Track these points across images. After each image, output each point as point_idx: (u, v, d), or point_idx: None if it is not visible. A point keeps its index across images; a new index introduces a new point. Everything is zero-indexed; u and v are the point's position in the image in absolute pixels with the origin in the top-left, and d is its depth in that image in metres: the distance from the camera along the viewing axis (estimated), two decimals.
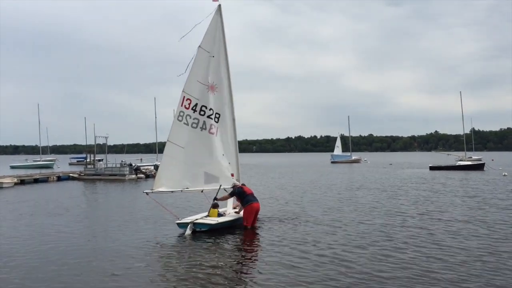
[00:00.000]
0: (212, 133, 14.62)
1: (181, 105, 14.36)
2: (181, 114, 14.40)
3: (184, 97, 14.34)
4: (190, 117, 14.43)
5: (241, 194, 13.92)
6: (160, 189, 14.34)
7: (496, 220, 14.70)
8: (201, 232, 12.93)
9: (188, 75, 14.41)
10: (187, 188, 14.46)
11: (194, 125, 14.47)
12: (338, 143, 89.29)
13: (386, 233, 12.63)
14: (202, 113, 14.51)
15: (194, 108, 14.43)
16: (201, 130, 14.52)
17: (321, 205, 19.19)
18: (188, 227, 12.86)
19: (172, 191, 14.70)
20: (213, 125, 14.62)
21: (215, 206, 14.00)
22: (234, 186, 14.34)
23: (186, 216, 14.48)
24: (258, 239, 12.44)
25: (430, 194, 23.08)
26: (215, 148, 14.64)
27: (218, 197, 14.32)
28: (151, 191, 14.36)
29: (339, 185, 30.27)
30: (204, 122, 14.56)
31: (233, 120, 15.11)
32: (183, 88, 14.40)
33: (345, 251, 10.51)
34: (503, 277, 8.31)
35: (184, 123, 14.40)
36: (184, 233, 12.76)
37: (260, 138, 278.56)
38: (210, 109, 14.60)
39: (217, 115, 14.75)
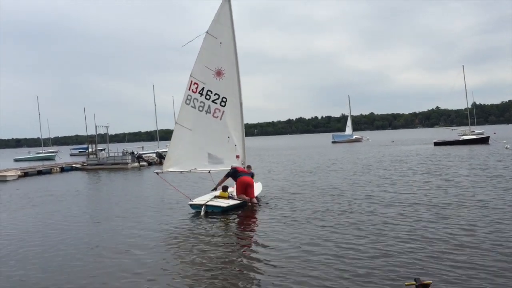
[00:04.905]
0: (216, 117, 15.12)
1: (189, 89, 14.90)
2: (189, 97, 14.95)
3: (191, 81, 14.87)
4: (197, 101, 14.96)
5: (234, 174, 14.61)
6: (170, 169, 15.08)
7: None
8: (213, 212, 13.45)
9: (195, 60, 14.90)
10: (195, 168, 15.15)
11: (201, 108, 15.00)
12: (349, 122, 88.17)
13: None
14: (207, 97, 15.00)
15: (201, 92, 14.95)
16: (206, 114, 15.05)
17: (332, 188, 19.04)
18: (202, 208, 13.35)
19: (181, 171, 15.33)
20: (217, 109, 15.10)
21: (225, 188, 14.41)
22: (248, 167, 15.42)
23: (196, 196, 14.92)
24: (266, 217, 12.45)
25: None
26: (219, 131, 15.17)
27: (217, 183, 14.93)
28: (161, 171, 15.18)
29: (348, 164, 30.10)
30: (209, 106, 15.04)
31: (241, 104, 15.50)
32: (191, 72, 14.91)
33: (345, 234, 10.39)
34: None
35: (192, 106, 14.97)
36: (196, 214, 13.33)
37: (261, 121, 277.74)
38: (216, 94, 15.03)
39: (224, 99, 15.13)
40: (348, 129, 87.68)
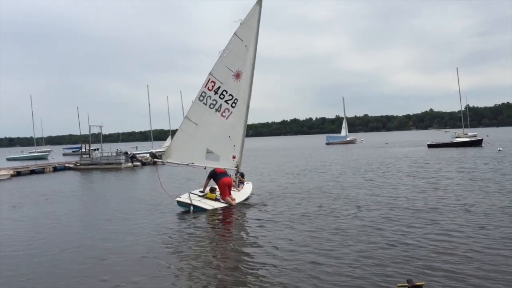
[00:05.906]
0: (224, 116, 15.49)
1: (205, 86, 15.26)
2: (203, 94, 15.31)
3: (209, 79, 15.19)
4: (210, 98, 15.32)
5: (213, 175, 14.82)
6: (168, 160, 15.55)
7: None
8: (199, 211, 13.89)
9: (217, 59, 15.13)
10: (192, 163, 15.51)
11: (211, 106, 15.35)
12: (344, 124, 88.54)
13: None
14: (221, 96, 15.35)
15: (216, 90, 15.26)
16: (215, 112, 15.42)
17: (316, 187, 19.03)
18: (191, 208, 13.79)
19: (178, 164, 15.69)
20: (227, 109, 15.45)
21: (212, 190, 14.68)
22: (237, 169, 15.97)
23: (183, 192, 15.37)
24: (254, 218, 12.44)
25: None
26: (222, 130, 15.53)
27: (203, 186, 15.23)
28: (159, 159, 16.07)
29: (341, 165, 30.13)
30: (220, 105, 15.41)
31: (247, 107, 15.77)
32: (211, 70, 15.17)
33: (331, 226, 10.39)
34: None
35: (203, 103, 15.32)
36: (184, 213, 13.75)
37: (255, 122, 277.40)
38: (230, 94, 15.38)
39: (236, 101, 15.47)
40: (344, 131, 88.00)
